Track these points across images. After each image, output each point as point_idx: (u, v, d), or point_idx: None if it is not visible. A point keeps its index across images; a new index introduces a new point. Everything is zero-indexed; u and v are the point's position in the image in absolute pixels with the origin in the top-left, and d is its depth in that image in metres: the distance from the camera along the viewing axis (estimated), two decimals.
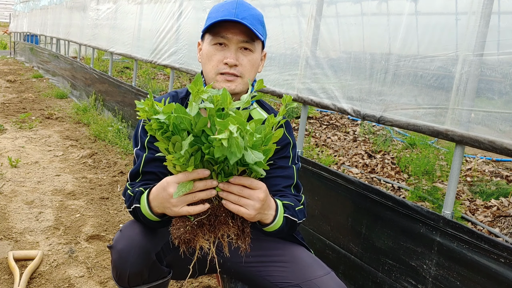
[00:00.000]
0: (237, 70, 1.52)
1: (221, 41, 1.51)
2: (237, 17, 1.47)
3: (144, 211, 1.42)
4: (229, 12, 1.49)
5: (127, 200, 1.52)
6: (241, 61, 1.52)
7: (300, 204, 1.60)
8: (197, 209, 1.24)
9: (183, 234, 1.23)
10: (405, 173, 4.25)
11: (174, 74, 4.76)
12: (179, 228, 1.25)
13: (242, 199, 1.24)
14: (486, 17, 1.71)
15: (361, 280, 2.20)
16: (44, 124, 6.02)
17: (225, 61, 1.50)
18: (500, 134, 1.65)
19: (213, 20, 1.48)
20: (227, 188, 1.25)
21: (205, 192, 1.25)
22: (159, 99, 1.67)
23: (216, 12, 1.52)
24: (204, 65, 1.57)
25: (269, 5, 3.24)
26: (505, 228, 3.13)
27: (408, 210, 1.95)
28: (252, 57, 1.54)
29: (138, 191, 1.46)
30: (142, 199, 1.42)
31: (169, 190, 1.26)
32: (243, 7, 1.51)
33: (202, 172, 1.23)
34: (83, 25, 7.80)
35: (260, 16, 1.56)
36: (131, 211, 1.51)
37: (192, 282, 2.47)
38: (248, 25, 1.46)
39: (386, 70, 2.16)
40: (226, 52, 1.51)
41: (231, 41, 1.50)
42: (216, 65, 1.52)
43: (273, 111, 1.73)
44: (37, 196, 3.50)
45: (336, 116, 6.78)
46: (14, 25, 16.90)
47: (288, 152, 1.66)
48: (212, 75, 1.54)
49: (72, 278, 2.44)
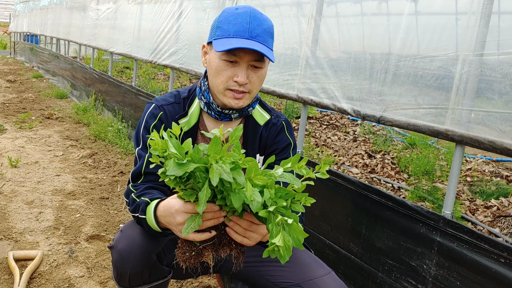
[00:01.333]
0: (245, 87, 1.50)
1: (233, 59, 1.47)
2: (251, 35, 1.43)
3: (151, 224, 1.42)
4: (243, 27, 1.44)
5: (131, 204, 1.51)
6: (250, 79, 1.50)
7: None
8: (204, 237, 1.27)
9: (188, 259, 1.29)
10: (405, 173, 4.25)
11: (174, 74, 4.76)
12: (185, 253, 1.30)
13: (248, 232, 1.28)
14: (486, 17, 1.71)
15: (361, 280, 2.20)
16: (44, 124, 6.03)
17: (236, 79, 1.47)
18: (500, 134, 1.65)
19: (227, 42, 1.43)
20: (236, 221, 1.27)
21: (212, 221, 1.26)
22: (161, 98, 1.67)
23: (228, 24, 1.47)
24: (213, 77, 1.53)
25: (269, 5, 3.24)
26: (505, 228, 3.13)
27: (408, 210, 1.95)
28: (261, 73, 1.52)
29: (144, 202, 1.44)
30: (149, 213, 1.41)
31: (177, 219, 1.28)
32: (256, 21, 1.46)
33: (211, 208, 1.23)
34: (83, 25, 7.81)
35: (272, 27, 1.52)
36: (134, 216, 1.51)
37: (192, 282, 2.47)
38: (261, 52, 1.42)
39: (386, 70, 2.16)
40: (236, 70, 1.48)
41: (243, 59, 1.47)
42: (226, 80, 1.49)
43: (274, 111, 1.73)
44: (37, 196, 3.50)
45: (336, 116, 6.78)
46: (14, 25, 16.90)
47: (289, 154, 1.66)
48: (220, 89, 1.51)
49: (72, 278, 2.44)
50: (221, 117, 1.61)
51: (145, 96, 4.97)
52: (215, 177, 1.10)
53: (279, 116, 1.72)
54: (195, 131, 1.64)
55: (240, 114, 1.62)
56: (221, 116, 1.60)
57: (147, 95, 4.94)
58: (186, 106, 1.64)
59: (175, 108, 1.63)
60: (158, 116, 1.60)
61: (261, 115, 1.69)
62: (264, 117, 1.68)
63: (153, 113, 1.61)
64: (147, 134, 1.60)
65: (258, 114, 1.68)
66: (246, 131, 1.66)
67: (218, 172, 1.10)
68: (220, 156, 1.12)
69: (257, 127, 1.67)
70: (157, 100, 1.66)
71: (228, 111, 1.59)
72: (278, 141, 1.67)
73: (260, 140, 1.67)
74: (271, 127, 1.68)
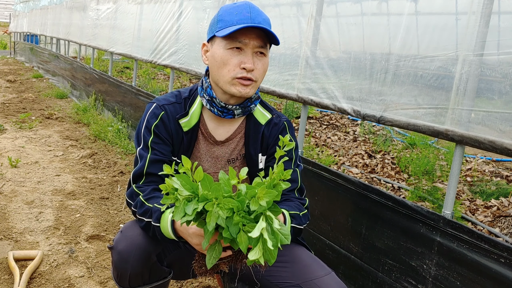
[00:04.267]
0: (252, 74, 1.51)
1: (238, 46, 1.49)
2: (254, 22, 1.46)
3: (166, 233, 1.43)
4: (245, 16, 1.47)
5: (139, 207, 1.50)
6: (256, 66, 1.51)
7: (304, 209, 1.61)
8: (224, 255, 1.30)
9: (204, 272, 1.35)
10: (405, 173, 4.25)
11: (174, 74, 4.76)
12: (201, 267, 1.35)
13: None
14: (486, 17, 1.71)
15: (361, 280, 2.20)
16: (44, 124, 6.02)
17: (243, 66, 1.49)
18: (500, 134, 1.65)
19: (232, 27, 1.45)
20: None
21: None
22: (162, 98, 1.66)
23: (230, 16, 1.49)
24: (218, 69, 1.53)
25: (269, 5, 3.24)
26: (505, 228, 3.13)
27: (408, 210, 1.95)
28: (265, 61, 1.54)
29: (158, 209, 1.45)
30: (164, 222, 1.42)
31: (194, 241, 1.35)
32: (256, 11, 1.50)
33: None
34: (83, 25, 7.81)
35: (269, 20, 1.55)
36: (140, 219, 1.51)
37: (192, 282, 2.47)
38: (270, 30, 1.46)
39: (386, 70, 2.16)
40: (243, 57, 1.49)
41: (248, 46, 1.49)
42: (233, 69, 1.50)
43: (275, 111, 1.73)
44: (37, 196, 3.50)
45: (336, 116, 6.78)
46: (14, 25, 16.89)
47: (291, 154, 1.66)
48: (228, 79, 1.51)
49: (72, 278, 2.44)
50: (224, 113, 1.60)
51: (145, 96, 4.97)
52: (212, 221, 1.13)
53: (280, 116, 1.72)
54: (195, 131, 1.64)
55: (243, 111, 1.61)
56: (224, 112, 1.60)
57: (147, 95, 4.94)
58: (187, 105, 1.64)
59: (176, 108, 1.63)
60: (160, 116, 1.60)
61: (262, 114, 1.69)
62: (265, 116, 1.68)
63: (154, 113, 1.61)
64: (148, 133, 1.60)
65: (259, 113, 1.68)
66: (248, 130, 1.67)
67: (215, 217, 1.14)
68: (218, 202, 1.14)
69: (259, 126, 1.67)
70: (158, 99, 1.66)
71: (232, 106, 1.59)
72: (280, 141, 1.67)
73: (262, 140, 1.67)
74: (272, 126, 1.68)
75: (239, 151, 1.69)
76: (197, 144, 1.66)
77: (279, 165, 1.23)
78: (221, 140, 1.67)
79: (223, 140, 1.67)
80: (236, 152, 1.68)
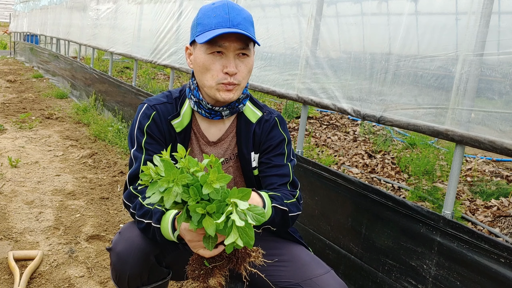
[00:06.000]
0: (235, 78, 1.50)
1: (219, 50, 1.47)
2: (232, 24, 1.44)
3: (166, 234, 1.42)
4: (223, 18, 1.45)
5: (138, 209, 1.50)
6: (239, 68, 1.50)
7: (292, 198, 1.59)
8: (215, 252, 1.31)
9: (197, 276, 1.35)
10: (405, 173, 4.24)
11: (174, 74, 4.76)
12: (194, 270, 1.35)
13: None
14: (486, 17, 1.71)
15: (361, 280, 2.20)
16: (44, 124, 6.02)
17: (225, 70, 1.47)
18: (500, 134, 1.64)
19: (211, 31, 1.43)
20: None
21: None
22: (153, 98, 1.66)
23: (208, 19, 1.47)
24: (201, 74, 1.52)
25: (269, 5, 3.24)
26: (505, 228, 3.13)
27: (408, 210, 1.95)
28: (248, 62, 1.52)
29: (159, 211, 1.44)
30: (165, 223, 1.42)
31: (186, 237, 1.36)
32: (234, 11, 1.47)
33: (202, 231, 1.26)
34: (83, 25, 7.80)
35: (250, 17, 1.53)
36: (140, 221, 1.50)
37: (192, 282, 2.47)
38: (247, 34, 1.43)
39: (386, 70, 2.16)
40: (224, 61, 1.48)
41: (229, 49, 1.47)
42: (216, 74, 1.49)
43: (266, 108, 1.72)
44: (37, 196, 3.50)
45: (336, 116, 6.78)
46: (14, 25, 16.89)
47: (283, 149, 1.66)
48: (212, 84, 1.50)
49: (72, 278, 2.44)
50: (212, 115, 1.60)
51: (145, 96, 4.97)
52: (170, 199, 1.15)
53: (272, 112, 1.71)
54: (188, 131, 1.64)
55: (231, 112, 1.61)
56: (211, 114, 1.60)
57: (147, 95, 4.94)
58: (178, 106, 1.64)
59: (167, 107, 1.63)
60: (151, 116, 1.60)
61: (253, 112, 1.68)
62: (256, 114, 1.67)
63: (146, 113, 1.61)
64: (141, 134, 1.59)
65: (250, 112, 1.67)
66: (239, 129, 1.66)
67: (173, 195, 1.15)
68: (173, 178, 1.16)
69: (250, 125, 1.66)
70: (149, 100, 1.65)
71: (219, 108, 1.58)
72: (271, 137, 1.66)
73: (254, 138, 1.66)
74: (264, 123, 1.67)
75: (232, 151, 1.69)
76: (190, 145, 1.66)
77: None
78: (213, 141, 1.67)
79: (215, 141, 1.67)
80: (229, 152, 1.69)
